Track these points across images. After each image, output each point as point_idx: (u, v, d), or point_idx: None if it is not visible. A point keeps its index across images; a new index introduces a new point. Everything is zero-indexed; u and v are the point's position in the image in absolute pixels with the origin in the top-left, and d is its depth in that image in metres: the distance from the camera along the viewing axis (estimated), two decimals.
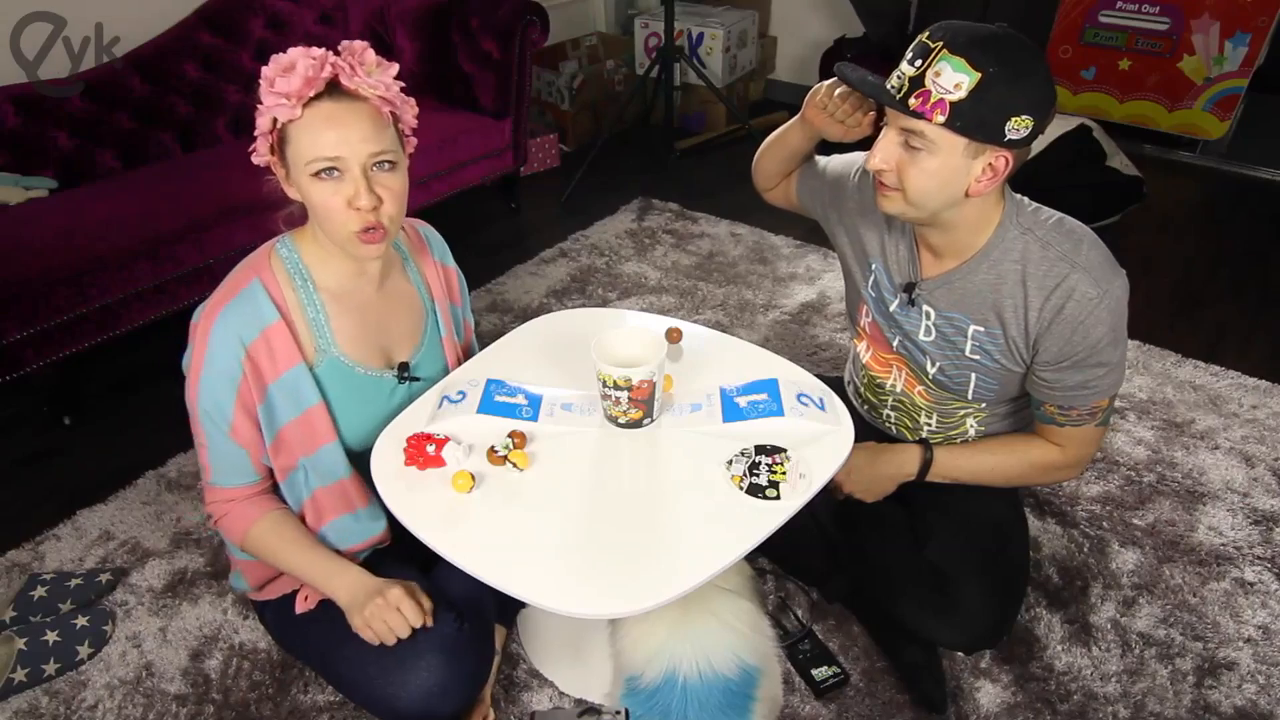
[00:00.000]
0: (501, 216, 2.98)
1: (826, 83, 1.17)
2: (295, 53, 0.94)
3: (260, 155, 1.02)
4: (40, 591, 1.48)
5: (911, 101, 0.98)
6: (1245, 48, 2.97)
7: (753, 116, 3.66)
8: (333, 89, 0.96)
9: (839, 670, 1.37)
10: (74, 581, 1.51)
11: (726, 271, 2.61)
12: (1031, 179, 2.80)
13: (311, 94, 0.94)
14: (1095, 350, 1.08)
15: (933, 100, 0.97)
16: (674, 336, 1.29)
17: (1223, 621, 1.47)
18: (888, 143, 1.05)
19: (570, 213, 2.97)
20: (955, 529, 1.28)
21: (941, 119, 0.97)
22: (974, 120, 0.96)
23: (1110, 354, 1.10)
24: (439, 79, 2.70)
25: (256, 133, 1.00)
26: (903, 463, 1.29)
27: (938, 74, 0.96)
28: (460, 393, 1.15)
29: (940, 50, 0.96)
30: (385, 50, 2.71)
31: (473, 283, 2.53)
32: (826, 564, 1.44)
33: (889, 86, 1.02)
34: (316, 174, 0.97)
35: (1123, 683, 1.37)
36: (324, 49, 0.96)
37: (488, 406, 1.12)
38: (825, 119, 1.18)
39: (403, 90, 1.01)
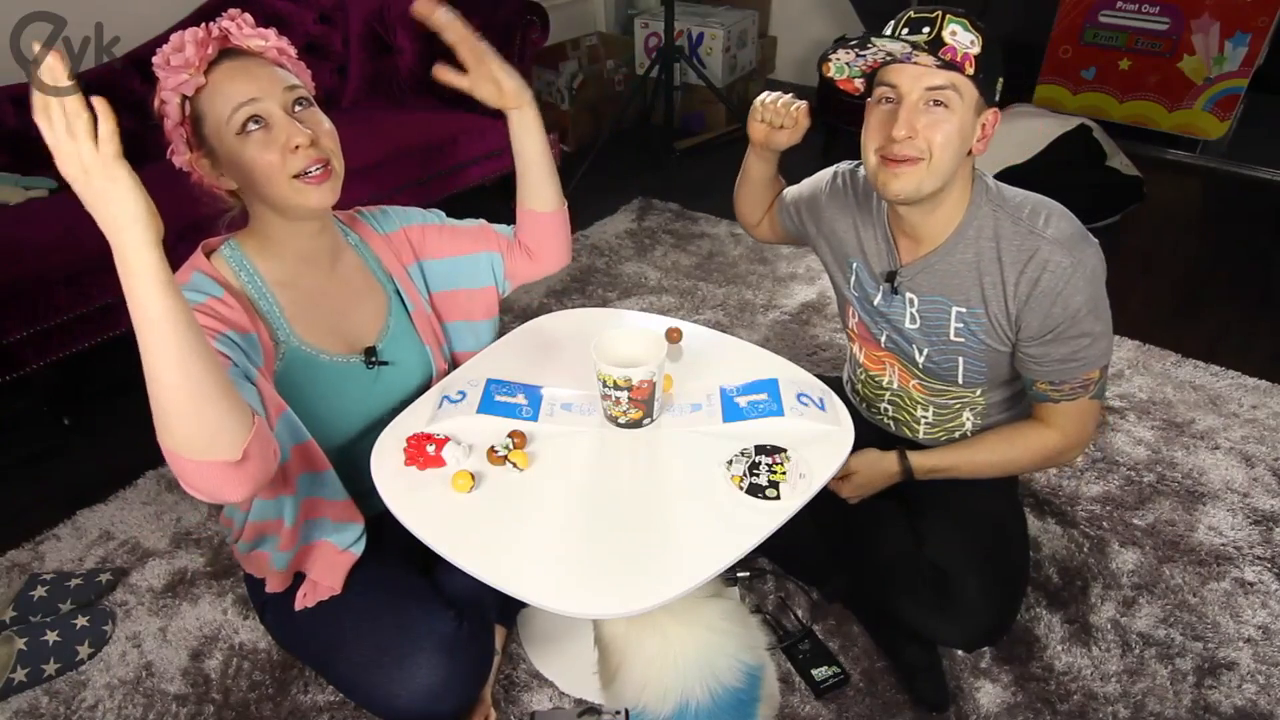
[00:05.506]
0: (501, 217, 2.96)
1: (756, 99, 1.26)
2: (179, 34, 0.95)
3: (179, 154, 1.00)
4: (40, 591, 1.48)
5: (943, 54, 1.00)
6: (1245, 48, 2.97)
7: None
8: (227, 53, 0.97)
9: (839, 670, 1.37)
10: (74, 581, 1.51)
11: (726, 271, 2.61)
12: (1032, 179, 2.79)
13: (210, 56, 0.95)
14: (1076, 320, 1.09)
15: (960, 53, 1.00)
16: (674, 336, 1.29)
17: (1223, 621, 1.47)
18: (907, 111, 1.02)
19: (570, 212, 2.97)
20: (954, 526, 1.28)
21: (971, 70, 1.00)
22: (986, 76, 1.02)
23: (1092, 323, 1.10)
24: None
25: (168, 127, 0.98)
26: (887, 465, 1.30)
27: (953, 32, 1.00)
28: (460, 393, 1.15)
29: (943, 15, 1.01)
30: (385, 50, 2.72)
31: None
32: (826, 564, 1.44)
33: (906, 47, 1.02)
34: (242, 129, 0.96)
35: (1123, 683, 1.37)
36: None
37: (488, 406, 1.12)
38: (767, 130, 1.26)
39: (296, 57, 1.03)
